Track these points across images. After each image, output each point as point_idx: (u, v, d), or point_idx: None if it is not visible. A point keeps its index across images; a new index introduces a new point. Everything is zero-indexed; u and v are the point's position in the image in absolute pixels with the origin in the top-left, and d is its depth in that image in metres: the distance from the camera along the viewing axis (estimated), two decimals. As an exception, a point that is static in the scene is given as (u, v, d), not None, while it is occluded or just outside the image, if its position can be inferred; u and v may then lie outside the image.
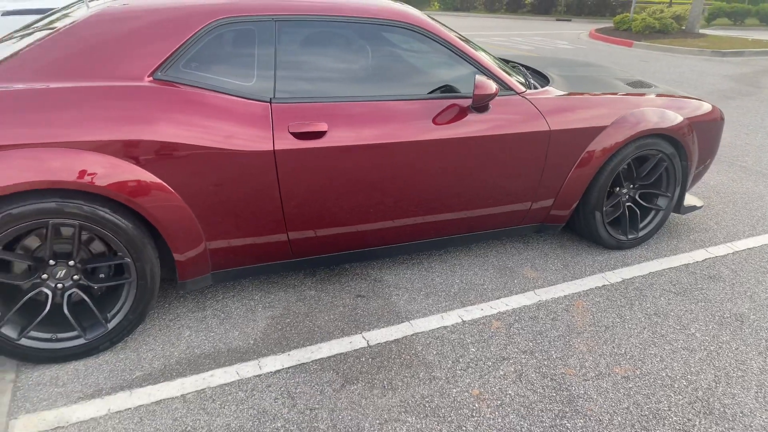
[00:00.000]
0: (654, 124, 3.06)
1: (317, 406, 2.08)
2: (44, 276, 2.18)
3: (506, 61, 3.72)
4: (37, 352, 2.19)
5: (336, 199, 2.51)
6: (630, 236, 3.36)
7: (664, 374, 2.33)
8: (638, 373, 2.33)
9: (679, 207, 3.50)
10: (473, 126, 2.67)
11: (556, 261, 3.23)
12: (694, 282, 3.06)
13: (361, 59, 2.58)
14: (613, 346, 2.49)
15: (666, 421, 2.08)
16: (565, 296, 2.88)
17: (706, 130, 3.39)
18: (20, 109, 1.99)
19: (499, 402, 2.14)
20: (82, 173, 2.02)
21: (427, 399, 2.14)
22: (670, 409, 2.14)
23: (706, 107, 3.42)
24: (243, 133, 2.28)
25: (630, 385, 2.26)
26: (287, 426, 1.98)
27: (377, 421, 2.02)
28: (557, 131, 2.86)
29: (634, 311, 2.76)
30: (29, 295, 2.16)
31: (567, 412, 2.11)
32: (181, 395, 2.11)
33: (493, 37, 16.81)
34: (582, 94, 3.03)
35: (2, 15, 4.82)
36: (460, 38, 2.84)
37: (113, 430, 1.92)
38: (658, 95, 3.30)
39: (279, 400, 2.10)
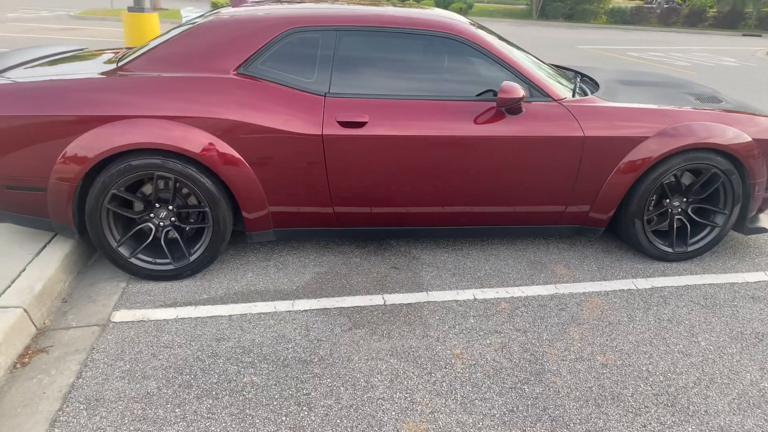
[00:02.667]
0: (702, 139, 3.08)
1: (324, 338, 2.59)
2: (151, 215, 2.97)
3: (565, 70, 3.90)
4: (140, 269, 2.98)
5: (372, 180, 2.99)
6: (677, 249, 3.37)
7: (644, 368, 2.46)
8: (619, 363, 2.49)
9: (741, 227, 3.42)
10: (503, 127, 2.98)
11: (593, 263, 3.38)
12: (731, 299, 3.03)
13: (407, 63, 3.03)
14: (607, 339, 2.66)
15: (621, 404, 2.25)
16: (583, 293, 3.06)
17: (776, 150, 3.29)
18: (142, 90, 2.77)
19: (473, 362, 2.47)
20: (179, 140, 2.74)
21: (413, 349, 2.54)
22: (632, 396, 2.30)
23: (781, 126, 3.31)
24: (300, 119, 2.86)
25: (604, 371, 2.44)
26: (295, 348, 2.52)
27: (365, 357, 2.47)
28: (592, 138, 3.05)
29: (646, 315, 2.87)
30: (139, 226, 2.96)
31: (530, 380, 2.37)
32: (228, 315, 2.74)
33: (648, 51, 15.93)
34: (627, 104, 3.16)
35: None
36: (505, 48, 3.16)
37: (173, 328, 2.61)
38: (725, 111, 3.28)
39: (297, 330, 2.65)
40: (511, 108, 2.97)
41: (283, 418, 2.11)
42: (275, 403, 2.19)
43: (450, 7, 32.50)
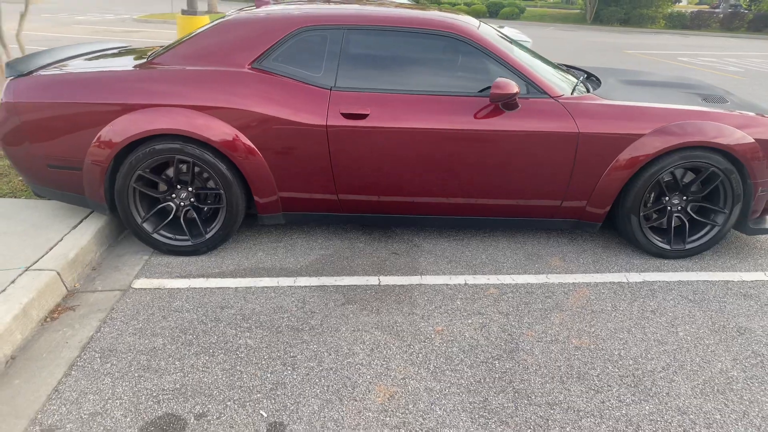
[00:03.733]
0: (696, 137, 3.14)
1: (317, 311, 2.82)
2: (173, 195, 3.28)
3: (574, 70, 3.99)
4: (162, 244, 3.29)
5: (373, 169, 3.20)
6: (675, 246, 3.42)
7: (616, 353, 2.57)
8: (592, 347, 2.61)
9: (744, 226, 3.44)
10: (500, 122, 3.13)
11: (589, 257, 3.47)
12: (722, 296, 3.08)
13: (409, 61, 3.23)
14: (586, 326, 2.77)
15: (585, 382, 2.37)
16: (573, 283, 3.16)
17: (783, 152, 3.29)
18: (165, 81, 3.08)
19: (452, 338, 2.64)
20: (197, 126, 3.03)
21: (397, 324, 2.73)
22: (597, 376, 2.41)
23: (785, 127, 3.31)
24: (308, 111, 3.10)
25: (576, 353, 2.56)
26: (290, 317, 2.75)
27: (352, 329, 2.68)
28: (586, 134, 3.16)
29: (631, 306, 2.95)
30: (162, 205, 3.27)
31: (503, 357, 2.52)
32: (235, 287, 3.01)
33: (700, 57, 15.47)
34: (623, 102, 3.25)
35: None
36: (505, 47, 3.31)
37: (184, 296, 2.90)
38: (727, 111, 3.31)
39: (294, 303, 2.88)
40: (506, 103, 3.12)
41: (268, 375, 2.35)
42: (263, 362, 2.43)
43: (501, 12, 32.38)
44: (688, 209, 3.43)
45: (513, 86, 3.00)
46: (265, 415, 2.14)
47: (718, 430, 2.13)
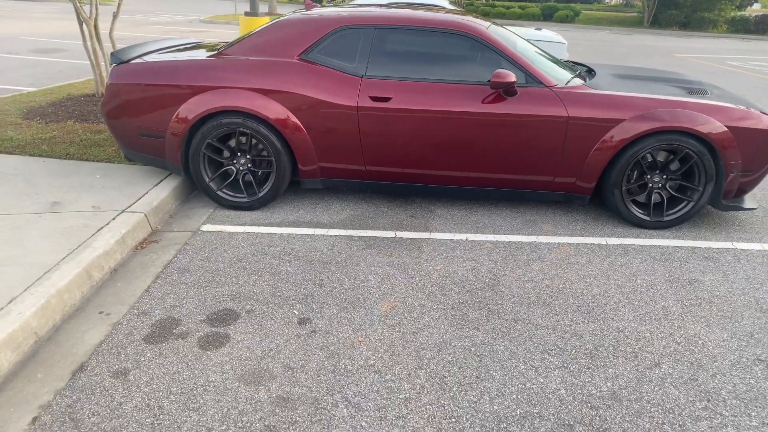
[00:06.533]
0: (670, 123, 3.67)
1: (342, 252, 3.54)
2: (234, 161, 4.08)
3: (578, 66, 4.57)
4: (224, 200, 4.10)
5: (394, 144, 3.89)
6: (654, 218, 3.96)
7: (579, 291, 3.17)
8: (560, 287, 3.21)
9: (717, 202, 3.94)
10: (501, 105, 3.76)
11: (578, 225, 4.05)
12: (686, 257, 3.60)
13: (428, 55, 3.91)
14: (560, 272, 3.38)
15: (547, 308, 2.99)
16: (558, 243, 3.76)
17: (750, 138, 3.76)
18: (231, 69, 3.88)
19: (447, 275, 3.30)
20: (255, 105, 3.81)
21: (405, 263, 3.42)
22: (558, 305, 3.03)
23: (757, 118, 3.78)
24: (343, 94, 3.84)
25: (546, 290, 3.17)
26: (321, 255, 3.49)
27: (368, 264, 3.39)
28: (575, 117, 3.75)
29: (603, 261, 3.53)
30: (225, 168, 4.08)
31: (484, 288, 3.17)
32: (280, 234, 3.77)
33: (751, 61, 15.33)
34: (609, 92, 3.82)
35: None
36: (510, 44, 3.94)
37: (240, 237, 3.68)
38: (704, 102, 3.82)
39: (326, 245, 3.62)
40: (506, 90, 3.75)
41: (301, 290, 3.09)
42: (298, 282, 3.17)
43: (556, 14, 32.36)
44: (668, 186, 3.95)
45: (511, 76, 3.64)
46: (297, 313, 2.87)
47: (645, 343, 2.72)
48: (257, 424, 2.15)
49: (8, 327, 2.45)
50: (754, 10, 36.76)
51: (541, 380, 2.44)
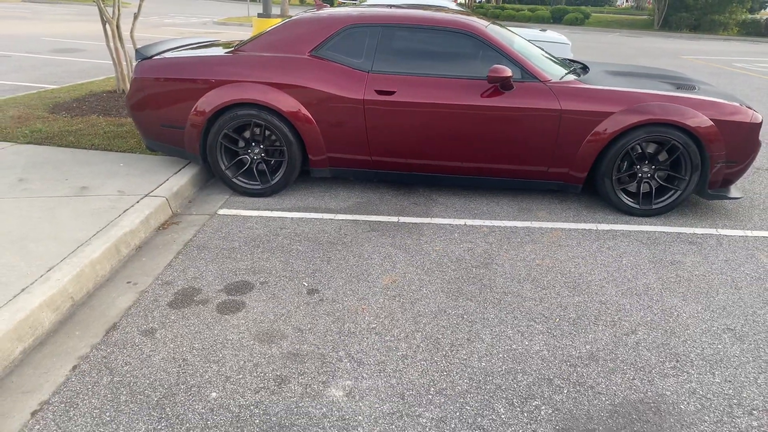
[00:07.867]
0: (657, 116, 3.91)
1: (348, 234, 3.81)
2: (248, 151, 4.37)
3: (574, 63, 4.82)
4: (239, 187, 4.39)
5: (398, 135, 4.16)
6: (643, 206, 4.19)
7: (566, 270, 3.42)
8: (550, 266, 3.46)
9: (702, 192, 4.17)
10: (499, 99, 4.02)
11: (571, 212, 4.30)
12: (670, 241, 3.84)
13: (431, 52, 4.18)
14: (550, 252, 3.63)
15: (536, 283, 3.24)
16: (551, 228, 4.01)
17: (734, 131, 3.99)
18: (246, 64, 4.18)
19: (444, 254, 3.56)
20: (269, 98, 4.10)
21: (406, 244, 3.68)
22: (547, 281, 3.28)
23: (741, 112, 4.01)
24: (350, 88, 4.12)
25: (536, 268, 3.42)
26: (328, 236, 3.76)
27: (372, 245, 3.66)
28: (567, 110, 4.00)
29: (592, 244, 3.78)
30: (240, 157, 4.38)
31: (479, 266, 3.42)
32: (291, 217, 4.06)
33: (758, 63, 15.44)
34: (600, 86, 4.06)
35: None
36: (508, 42, 4.19)
37: (254, 220, 3.97)
38: (691, 97, 4.05)
39: (333, 228, 3.89)
40: (503, 85, 4.01)
41: (310, 265, 3.36)
42: (308, 258, 3.45)
43: (565, 17, 32.51)
44: (656, 176, 4.19)
45: (506, 71, 3.90)
46: (306, 285, 3.15)
47: (625, 314, 2.96)
48: (270, 375, 2.43)
49: (48, 290, 2.74)
50: (766, 13, 36.69)
51: (526, 343, 2.70)
